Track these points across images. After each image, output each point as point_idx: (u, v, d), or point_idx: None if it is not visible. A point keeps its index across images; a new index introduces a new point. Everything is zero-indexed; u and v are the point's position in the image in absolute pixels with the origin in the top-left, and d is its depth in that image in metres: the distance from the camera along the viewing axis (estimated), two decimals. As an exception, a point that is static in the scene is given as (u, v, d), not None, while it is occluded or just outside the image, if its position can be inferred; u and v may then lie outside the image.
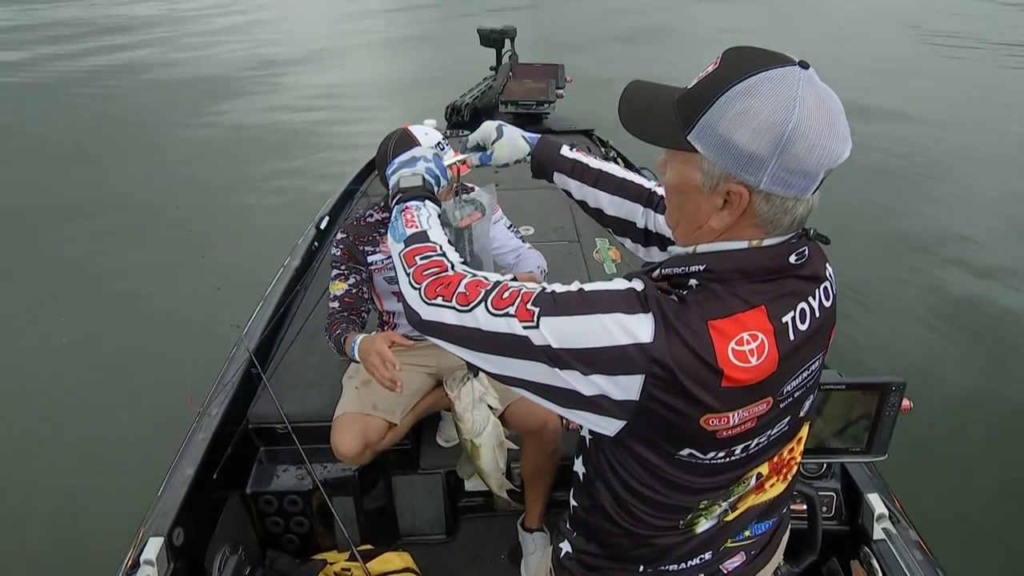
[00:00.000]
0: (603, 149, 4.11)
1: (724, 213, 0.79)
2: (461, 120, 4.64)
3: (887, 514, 1.57)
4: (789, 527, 1.15)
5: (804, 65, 0.74)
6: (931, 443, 3.01)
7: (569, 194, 1.28)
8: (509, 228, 2.00)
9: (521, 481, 2.02)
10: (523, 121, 4.48)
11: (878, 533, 1.57)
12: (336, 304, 1.83)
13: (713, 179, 0.78)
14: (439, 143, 1.62)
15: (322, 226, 3.15)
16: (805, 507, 1.40)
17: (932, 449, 3.00)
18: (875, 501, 1.59)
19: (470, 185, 1.79)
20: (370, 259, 1.81)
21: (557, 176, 1.26)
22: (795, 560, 1.33)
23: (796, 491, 1.36)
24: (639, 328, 0.76)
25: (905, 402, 1.33)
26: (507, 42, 5.11)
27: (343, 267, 1.83)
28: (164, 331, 3.92)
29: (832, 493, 1.68)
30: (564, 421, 1.87)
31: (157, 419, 2.60)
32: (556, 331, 0.79)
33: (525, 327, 0.80)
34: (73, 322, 4.15)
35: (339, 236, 1.84)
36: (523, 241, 2.01)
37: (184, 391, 2.05)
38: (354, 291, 1.82)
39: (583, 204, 1.27)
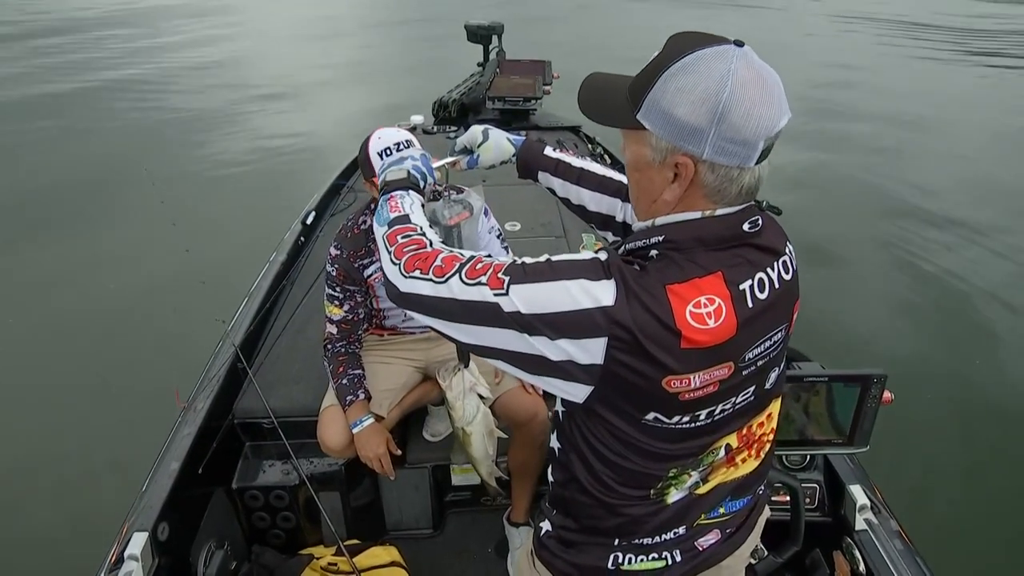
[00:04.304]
0: (590, 145, 4.12)
1: (675, 186, 0.85)
2: (448, 115, 4.62)
3: (869, 505, 1.60)
4: (767, 510, 1.17)
5: (739, 44, 0.80)
6: (912, 435, 3.06)
7: (553, 192, 1.34)
8: (499, 238, 1.96)
9: (509, 475, 2.03)
10: (510, 117, 4.49)
11: (860, 524, 1.59)
12: (334, 329, 1.85)
13: (661, 153, 0.84)
14: (407, 140, 1.62)
15: (308, 221, 3.14)
16: (788, 498, 1.42)
17: (913, 441, 3.05)
18: (857, 492, 1.62)
19: (459, 186, 1.80)
20: (367, 272, 1.78)
21: (541, 175, 1.33)
22: (778, 551, 1.34)
23: (779, 483, 1.38)
24: (602, 293, 0.81)
25: (886, 394, 1.36)
26: (494, 38, 5.10)
27: (338, 290, 1.79)
28: (149, 325, 3.89)
29: (815, 485, 1.71)
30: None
31: (141, 414, 2.58)
32: (525, 297, 0.83)
33: (496, 294, 0.85)
34: (57, 314, 4.11)
35: (333, 252, 1.77)
36: (509, 253, 1.99)
37: (169, 386, 2.03)
38: (350, 316, 1.83)
39: (566, 201, 1.33)
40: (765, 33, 13.93)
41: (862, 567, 1.55)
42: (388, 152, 1.59)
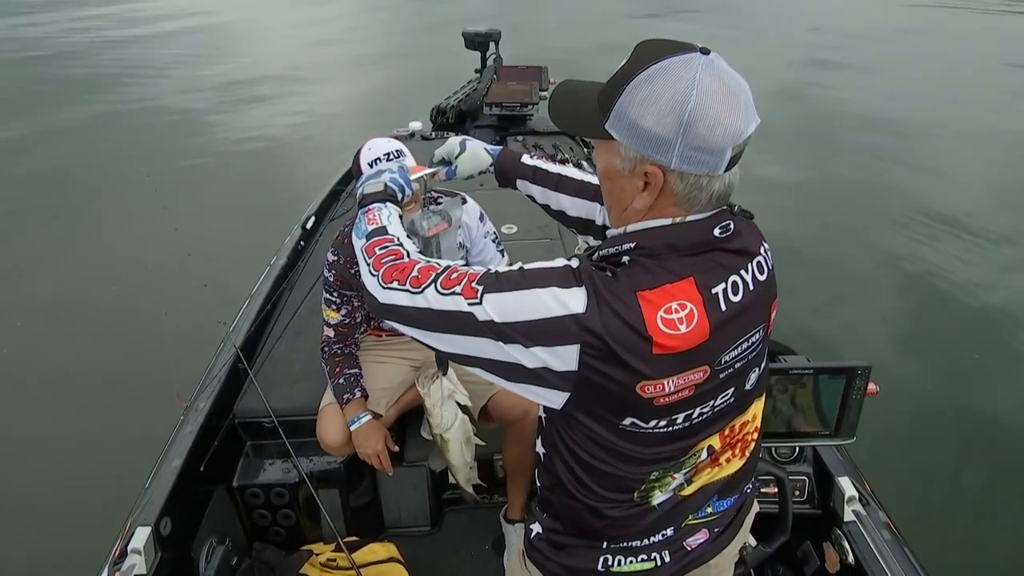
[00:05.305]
0: (585, 150, 4.16)
1: (645, 194, 0.85)
2: (446, 122, 4.68)
3: (857, 496, 1.62)
4: (755, 507, 1.18)
5: (705, 51, 0.80)
6: (899, 426, 3.10)
7: (533, 199, 1.35)
8: (495, 242, 1.99)
9: (504, 473, 2.06)
10: (507, 122, 4.53)
11: (849, 515, 1.61)
12: (332, 333, 1.89)
13: (630, 163, 0.84)
14: (397, 150, 1.66)
15: (308, 226, 3.17)
16: (776, 490, 1.45)
17: (900, 432, 3.09)
18: (845, 484, 1.64)
19: (453, 191, 1.83)
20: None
21: (520, 183, 1.34)
22: (767, 541, 1.37)
23: (767, 473, 1.40)
24: (573, 300, 0.82)
25: (871, 386, 1.38)
26: (491, 45, 5.16)
27: (335, 295, 1.83)
28: (152, 327, 3.95)
29: (804, 477, 1.73)
30: None
31: (144, 414, 2.62)
32: (498, 306, 0.84)
33: (470, 304, 0.86)
34: (63, 316, 4.17)
35: (331, 258, 1.81)
36: (504, 257, 2.02)
37: (171, 386, 2.07)
38: (347, 320, 1.87)
39: (546, 207, 1.34)
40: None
41: (851, 558, 1.57)
42: (378, 162, 1.63)
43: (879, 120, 8.24)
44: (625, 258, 0.87)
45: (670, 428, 0.89)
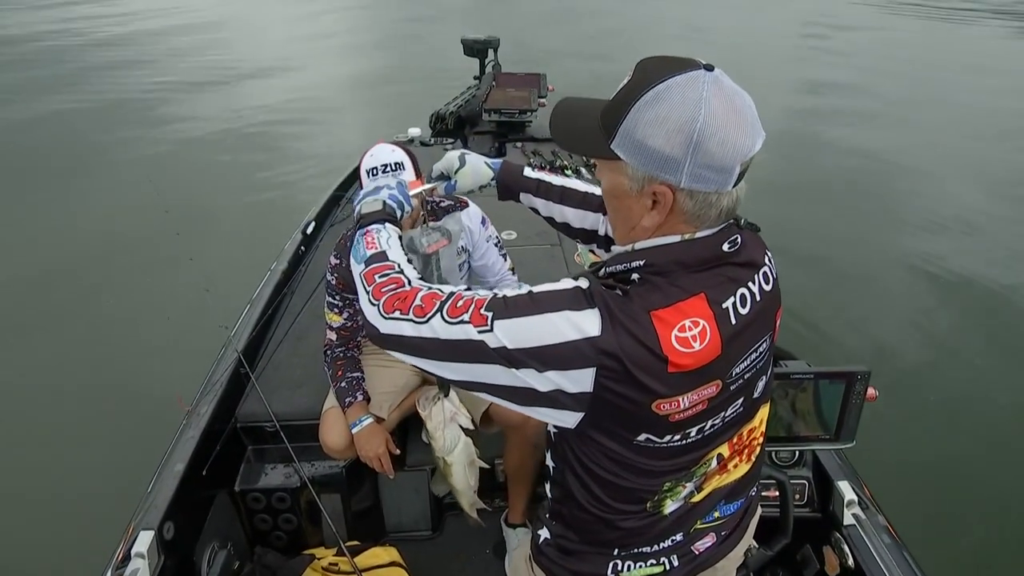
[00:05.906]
0: (584, 157, 4.18)
1: (654, 213, 0.85)
2: (445, 128, 4.70)
3: (857, 500, 1.63)
4: (759, 510, 1.20)
5: (709, 68, 0.80)
6: (898, 431, 3.12)
7: (536, 212, 1.35)
8: (497, 246, 2.00)
9: (504, 477, 2.06)
10: (506, 129, 4.55)
11: (848, 519, 1.63)
12: (334, 336, 1.90)
13: (639, 183, 0.84)
14: (397, 163, 1.62)
15: (308, 231, 3.19)
16: (777, 493, 1.46)
17: (900, 436, 3.10)
18: (845, 488, 1.65)
19: (459, 197, 1.82)
20: None
21: (523, 196, 1.34)
22: (768, 544, 1.38)
23: (768, 477, 1.42)
24: (587, 323, 0.81)
25: (870, 391, 1.39)
26: (490, 52, 5.18)
27: (337, 298, 1.84)
28: (153, 331, 3.96)
29: (804, 481, 1.74)
30: None
31: (146, 418, 2.62)
32: (509, 332, 0.83)
33: (480, 331, 0.85)
34: (65, 322, 4.17)
35: (332, 262, 1.81)
36: (507, 261, 2.03)
37: (173, 390, 2.07)
38: (349, 324, 1.88)
39: (550, 220, 1.34)
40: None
41: (851, 561, 1.58)
42: (375, 172, 1.60)
43: (879, 118, 8.30)
44: (634, 275, 0.86)
45: (684, 441, 0.90)
